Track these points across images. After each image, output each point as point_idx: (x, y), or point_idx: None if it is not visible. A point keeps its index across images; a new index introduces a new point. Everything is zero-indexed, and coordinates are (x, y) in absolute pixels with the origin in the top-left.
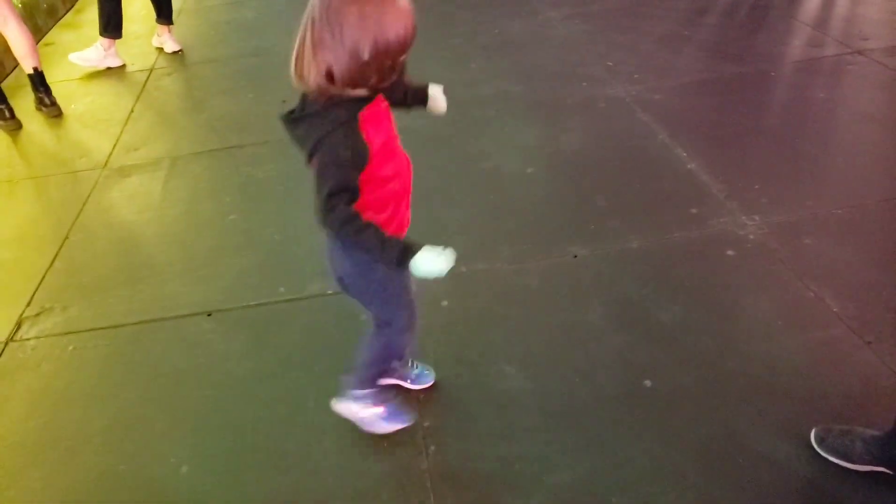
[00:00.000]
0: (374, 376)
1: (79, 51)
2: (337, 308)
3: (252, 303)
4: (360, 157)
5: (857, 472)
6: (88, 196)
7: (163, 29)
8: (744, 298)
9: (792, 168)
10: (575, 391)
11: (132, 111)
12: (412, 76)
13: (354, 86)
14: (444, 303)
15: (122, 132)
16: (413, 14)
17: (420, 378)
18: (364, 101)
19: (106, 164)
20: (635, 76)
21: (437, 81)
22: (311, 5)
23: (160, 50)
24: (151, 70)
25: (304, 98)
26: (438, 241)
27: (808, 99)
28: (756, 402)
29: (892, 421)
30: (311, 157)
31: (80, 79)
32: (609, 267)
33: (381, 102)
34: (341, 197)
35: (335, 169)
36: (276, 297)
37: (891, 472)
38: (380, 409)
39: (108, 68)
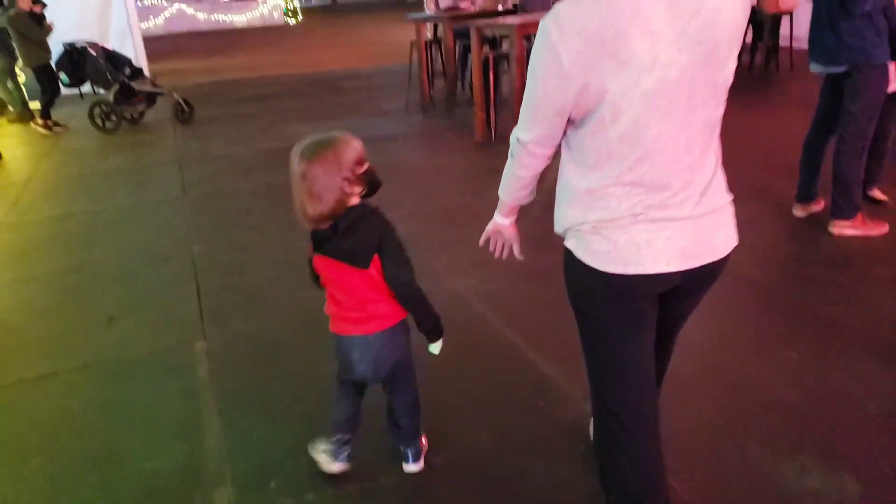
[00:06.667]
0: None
1: None
2: None
3: None
4: None
5: None
6: None
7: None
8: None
9: None
10: None
11: None
12: None
13: (352, 199)
14: None
15: None
16: (354, 137)
17: None
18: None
19: None
20: (469, 269)
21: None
22: (292, 177)
23: None
24: None
25: (335, 224)
26: None
27: None
28: None
29: None
30: (374, 253)
31: None
32: (463, 477)
33: None
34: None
35: (404, 247)
36: None
37: None
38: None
39: None
